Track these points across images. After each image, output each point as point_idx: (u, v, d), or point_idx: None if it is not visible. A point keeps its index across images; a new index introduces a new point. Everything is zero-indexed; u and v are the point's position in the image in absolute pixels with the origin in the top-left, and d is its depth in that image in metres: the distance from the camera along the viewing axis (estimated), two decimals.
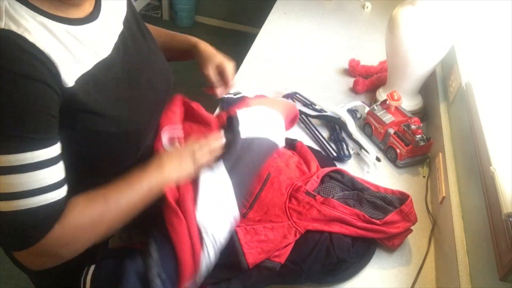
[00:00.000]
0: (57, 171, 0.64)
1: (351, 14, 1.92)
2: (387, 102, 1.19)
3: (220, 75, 0.98)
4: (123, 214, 0.72)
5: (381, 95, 1.33)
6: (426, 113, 1.33)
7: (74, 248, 0.68)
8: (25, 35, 0.58)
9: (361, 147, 1.17)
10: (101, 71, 0.68)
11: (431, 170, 1.13)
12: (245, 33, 3.52)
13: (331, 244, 0.85)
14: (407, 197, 0.93)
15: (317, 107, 1.31)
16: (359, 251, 0.89)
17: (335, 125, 1.25)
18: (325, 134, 1.23)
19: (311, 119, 1.27)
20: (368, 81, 1.43)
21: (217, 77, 0.98)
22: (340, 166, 1.11)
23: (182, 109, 0.97)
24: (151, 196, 0.75)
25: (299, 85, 1.42)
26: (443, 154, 1.07)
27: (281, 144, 0.98)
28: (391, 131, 1.16)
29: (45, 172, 0.61)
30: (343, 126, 1.24)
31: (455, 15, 1.13)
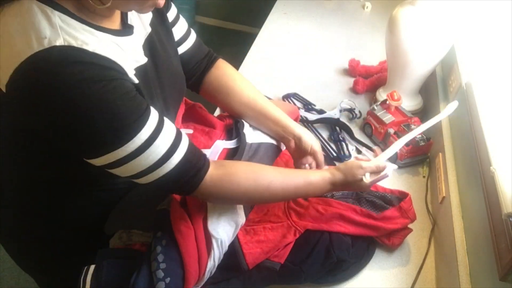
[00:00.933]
0: (171, 125, 0.70)
1: (351, 14, 1.92)
2: (387, 102, 1.19)
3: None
4: (274, 200, 0.84)
5: (381, 95, 1.33)
6: (426, 113, 1.33)
7: (228, 200, 0.78)
8: (83, 47, 0.59)
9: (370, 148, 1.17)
10: (139, 76, 0.70)
11: (431, 170, 1.13)
12: (245, 33, 3.52)
13: (331, 244, 0.85)
14: (406, 195, 0.93)
15: (316, 107, 1.31)
16: (359, 252, 0.89)
17: (335, 126, 1.25)
18: (325, 134, 1.23)
19: (310, 119, 1.27)
20: (368, 81, 1.43)
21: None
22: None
23: (183, 110, 0.97)
24: (301, 197, 0.88)
25: (299, 85, 1.42)
26: (443, 154, 1.07)
27: (284, 147, 0.99)
28: (391, 131, 1.16)
29: (165, 132, 0.67)
30: (343, 127, 1.24)
31: (455, 15, 1.13)
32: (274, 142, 0.96)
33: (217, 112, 1.22)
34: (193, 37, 0.94)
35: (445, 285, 0.85)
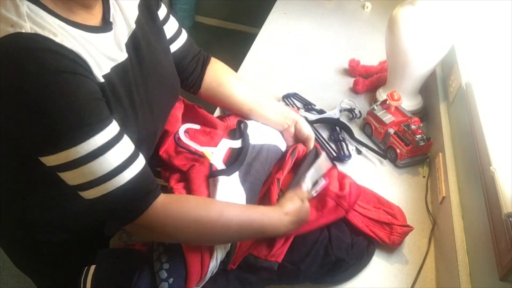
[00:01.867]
0: (127, 144, 0.67)
1: (351, 14, 1.92)
2: (387, 102, 1.19)
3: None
4: (226, 235, 0.75)
5: (381, 95, 1.33)
6: (426, 113, 1.33)
7: (173, 235, 0.72)
8: (51, 36, 0.58)
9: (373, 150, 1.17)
10: (115, 75, 0.69)
11: (431, 170, 1.13)
12: (245, 33, 3.52)
13: (330, 244, 0.85)
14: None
15: (316, 107, 1.31)
16: (359, 252, 0.88)
17: (335, 126, 1.25)
18: (325, 134, 1.23)
19: (310, 119, 1.27)
20: (368, 81, 1.43)
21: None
22: (340, 166, 1.11)
23: (182, 110, 0.97)
24: (256, 235, 0.79)
25: (299, 85, 1.42)
26: (443, 154, 1.07)
27: (284, 149, 0.99)
28: (391, 131, 1.16)
29: (118, 148, 0.64)
30: (343, 127, 1.24)
31: (455, 15, 1.13)
32: (276, 143, 0.96)
33: (217, 112, 1.22)
34: (184, 35, 0.93)
35: (445, 285, 0.85)
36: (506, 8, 1.07)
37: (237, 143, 0.91)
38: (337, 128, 1.25)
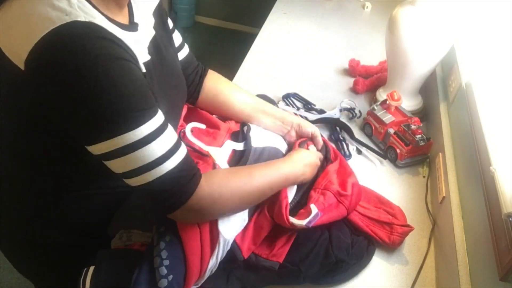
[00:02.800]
0: (172, 132, 0.69)
1: (351, 14, 1.92)
2: (387, 102, 1.19)
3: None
4: (262, 191, 0.80)
5: (381, 95, 1.33)
6: (426, 113, 1.33)
7: (220, 209, 0.75)
8: (103, 25, 0.60)
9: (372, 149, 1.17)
10: (147, 71, 0.70)
11: (431, 170, 1.13)
12: (245, 33, 3.52)
13: (330, 245, 0.85)
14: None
15: (316, 107, 1.31)
16: (359, 252, 0.88)
17: (335, 126, 1.25)
18: (325, 134, 1.23)
19: (310, 118, 1.27)
20: (368, 81, 1.43)
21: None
22: None
23: (185, 111, 0.98)
24: (283, 185, 0.84)
25: (299, 85, 1.42)
26: (443, 154, 1.07)
27: (285, 151, 0.99)
28: (391, 131, 1.16)
29: (168, 132, 0.67)
30: (343, 127, 1.24)
31: (455, 15, 1.13)
32: (277, 146, 0.97)
33: None
34: (186, 48, 0.98)
35: (445, 285, 0.85)
36: (506, 8, 1.07)
37: (239, 146, 0.92)
38: (337, 128, 1.24)
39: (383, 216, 0.93)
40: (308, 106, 1.32)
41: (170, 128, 0.69)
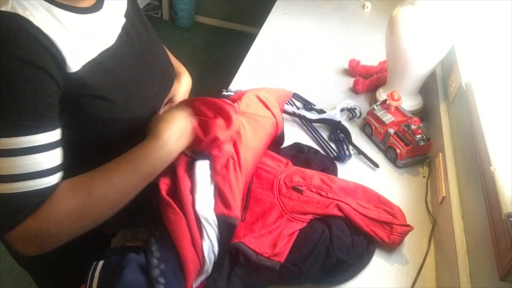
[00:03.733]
0: (53, 157, 0.63)
1: (351, 14, 1.92)
2: (387, 102, 1.19)
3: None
4: (110, 206, 0.68)
5: (381, 95, 1.33)
6: (426, 113, 1.33)
7: (55, 239, 0.66)
8: (30, 18, 0.58)
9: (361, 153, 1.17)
10: (106, 59, 0.69)
11: (431, 170, 1.14)
12: (245, 33, 3.52)
13: (331, 245, 0.85)
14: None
15: (316, 107, 1.31)
16: (359, 252, 0.89)
17: (335, 127, 1.25)
18: (325, 134, 1.23)
19: (311, 118, 1.27)
20: (368, 81, 1.43)
21: None
22: (341, 166, 1.11)
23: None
24: (149, 179, 0.71)
25: (299, 85, 1.42)
26: (443, 154, 1.07)
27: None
28: (391, 131, 1.16)
29: (39, 157, 0.61)
30: (343, 130, 1.24)
31: (455, 15, 1.13)
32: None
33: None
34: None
35: (445, 285, 0.85)
36: (506, 8, 1.08)
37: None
38: (336, 128, 1.25)
39: (383, 215, 0.94)
40: (308, 106, 1.32)
41: (44, 154, 0.62)
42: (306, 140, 1.20)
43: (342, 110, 1.29)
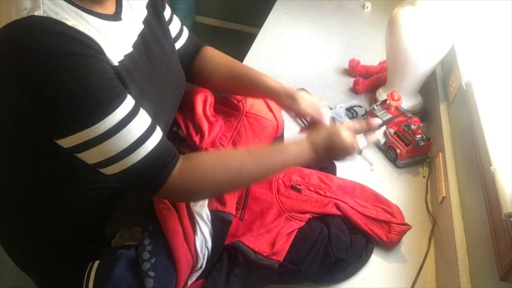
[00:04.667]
0: (145, 116, 0.68)
1: (351, 14, 1.92)
2: (387, 102, 1.19)
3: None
4: (251, 182, 0.83)
5: (381, 95, 1.33)
6: (426, 113, 1.33)
7: (200, 193, 0.75)
8: (63, 20, 0.59)
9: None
10: (130, 62, 0.70)
11: (431, 170, 1.13)
12: (245, 33, 3.51)
13: (329, 244, 0.85)
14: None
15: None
16: (357, 251, 0.89)
17: (335, 123, 1.25)
18: None
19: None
20: (368, 81, 1.43)
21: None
22: (340, 166, 1.11)
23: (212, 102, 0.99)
24: (280, 172, 0.87)
25: (299, 85, 1.41)
26: (443, 154, 1.07)
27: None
28: (391, 131, 1.16)
29: (136, 121, 0.65)
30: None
31: (455, 15, 1.13)
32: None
33: None
34: (186, 32, 0.97)
35: (445, 285, 0.85)
36: (506, 8, 1.07)
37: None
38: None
39: (381, 214, 0.94)
40: None
41: (142, 112, 0.67)
42: None
43: (347, 109, 1.29)
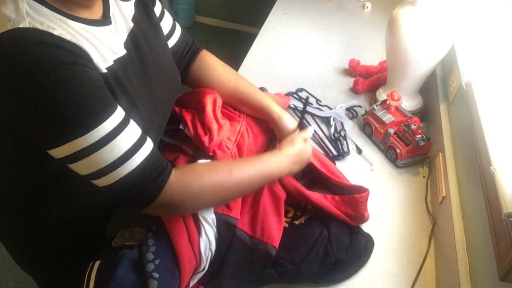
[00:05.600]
0: (134, 128, 0.68)
1: (351, 14, 1.92)
2: (387, 102, 1.19)
3: None
4: (240, 189, 0.80)
5: (381, 95, 1.33)
6: (426, 113, 1.33)
7: (193, 205, 0.76)
8: (50, 30, 0.59)
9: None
10: (118, 68, 0.70)
11: (431, 170, 1.13)
12: (245, 33, 3.52)
13: (329, 244, 0.85)
14: (365, 190, 0.94)
15: (322, 103, 1.33)
16: (357, 251, 0.89)
17: (335, 123, 1.25)
18: (322, 134, 1.23)
19: (309, 116, 1.27)
20: (368, 81, 1.43)
21: None
22: (340, 166, 1.11)
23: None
24: (265, 183, 0.85)
25: (299, 85, 1.41)
26: (443, 154, 1.07)
27: None
28: (391, 131, 1.16)
29: (126, 133, 0.65)
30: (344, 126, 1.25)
31: (455, 15, 1.13)
32: None
33: None
34: (179, 29, 0.96)
35: (445, 285, 0.85)
36: (506, 8, 1.08)
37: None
38: (336, 126, 1.25)
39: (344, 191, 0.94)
40: (316, 102, 1.34)
41: (132, 123, 0.67)
42: None
43: (347, 109, 1.29)
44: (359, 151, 1.19)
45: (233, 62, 1.03)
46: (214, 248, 0.79)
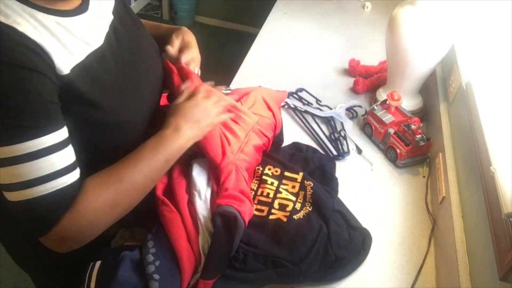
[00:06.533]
0: (66, 155, 0.64)
1: (351, 14, 1.92)
2: (387, 102, 1.19)
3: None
4: (140, 191, 0.73)
5: (381, 95, 1.33)
6: (426, 113, 1.33)
7: (93, 231, 0.69)
8: (14, 25, 0.58)
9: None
10: (93, 61, 0.68)
11: (431, 170, 1.13)
12: (245, 33, 3.52)
13: (329, 243, 0.85)
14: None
15: (322, 103, 1.34)
16: (355, 248, 0.89)
17: (335, 123, 1.25)
18: (322, 134, 1.23)
19: (309, 116, 1.27)
20: (368, 81, 1.43)
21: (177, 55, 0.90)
22: (340, 166, 1.11)
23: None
24: (168, 166, 0.77)
25: (299, 85, 1.41)
26: (443, 154, 1.07)
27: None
28: (391, 131, 1.16)
29: (52, 158, 0.61)
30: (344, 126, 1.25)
31: (455, 15, 1.13)
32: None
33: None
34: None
35: (445, 285, 0.85)
36: (506, 8, 1.08)
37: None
38: (336, 126, 1.25)
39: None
40: (316, 102, 1.34)
41: (66, 150, 0.63)
42: (305, 139, 1.20)
43: (347, 109, 1.29)
44: (359, 151, 1.19)
45: (233, 62, 1.04)
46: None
